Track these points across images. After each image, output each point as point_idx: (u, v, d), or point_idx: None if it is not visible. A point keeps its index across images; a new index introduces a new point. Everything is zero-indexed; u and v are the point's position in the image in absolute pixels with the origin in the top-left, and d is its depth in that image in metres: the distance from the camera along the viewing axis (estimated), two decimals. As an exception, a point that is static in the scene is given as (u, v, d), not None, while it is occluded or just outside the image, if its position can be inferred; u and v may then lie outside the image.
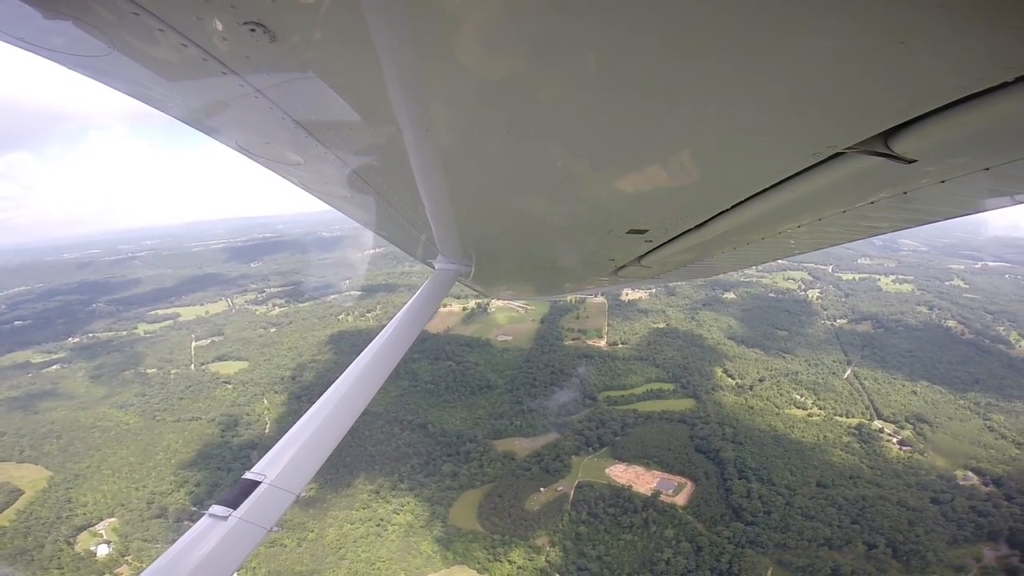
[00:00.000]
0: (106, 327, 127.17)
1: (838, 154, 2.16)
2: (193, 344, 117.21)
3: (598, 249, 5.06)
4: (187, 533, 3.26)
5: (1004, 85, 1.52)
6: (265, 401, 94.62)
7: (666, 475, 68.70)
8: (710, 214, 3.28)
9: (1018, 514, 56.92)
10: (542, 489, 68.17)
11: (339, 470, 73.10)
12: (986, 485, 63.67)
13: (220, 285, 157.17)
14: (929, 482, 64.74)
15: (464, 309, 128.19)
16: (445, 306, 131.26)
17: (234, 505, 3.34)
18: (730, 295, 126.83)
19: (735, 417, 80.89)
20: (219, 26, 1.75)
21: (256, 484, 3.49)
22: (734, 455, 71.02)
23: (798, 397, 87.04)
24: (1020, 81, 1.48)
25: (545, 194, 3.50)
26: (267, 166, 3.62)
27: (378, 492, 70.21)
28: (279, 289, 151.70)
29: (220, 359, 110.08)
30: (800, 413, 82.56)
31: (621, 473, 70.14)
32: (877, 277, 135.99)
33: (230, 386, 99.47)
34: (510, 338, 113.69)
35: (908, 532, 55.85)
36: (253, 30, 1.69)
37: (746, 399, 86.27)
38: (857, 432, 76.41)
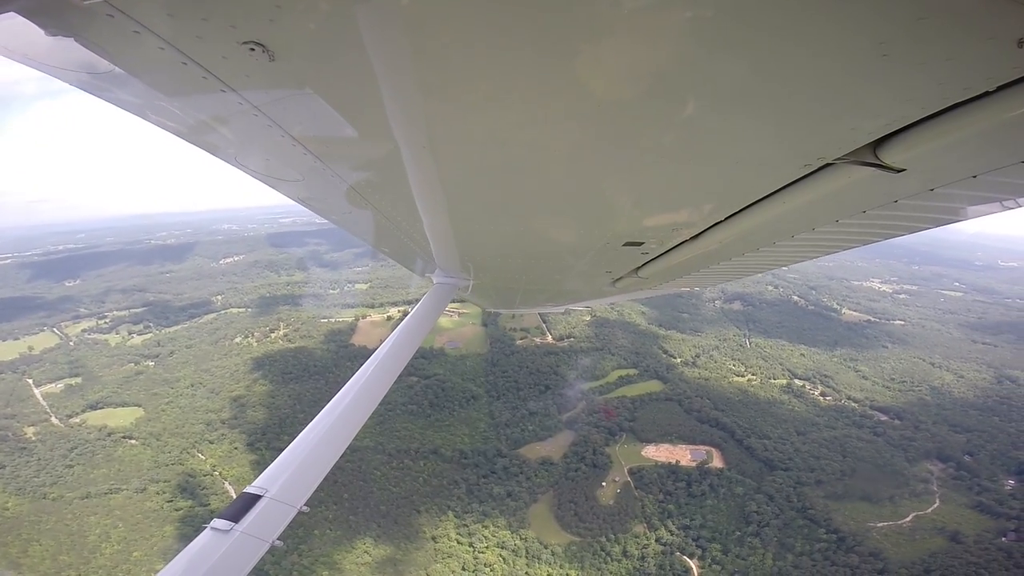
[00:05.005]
0: None
1: (828, 165, 2.26)
2: (37, 391, 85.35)
3: (595, 262, 5.08)
4: (188, 547, 3.25)
5: (986, 94, 1.60)
6: (201, 455, 74.35)
7: (692, 447, 75.44)
8: (704, 226, 3.35)
9: (928, 436, 77.23)
10: (603, 484, 69.14)
11: (381, 522, 63.25)
12: (892, 420, 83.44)
13: (36, 311, 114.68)
14: (860, 421, 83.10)
15: (389, 319, 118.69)
16: (365, 317, 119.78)
17: (236, 519, 3.37)
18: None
19: (705, 389, 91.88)
20: (219, 45, 1.79)
21: (258, 498, 3.53)
22: (729, 420, 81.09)
23: (732, 367, 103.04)
24: (1001, 91, 1.56)
25: (541, 208, 3.58)
26: (265, 182, 3.67)
27: (448, 535, 62.91)
28: (128, 312, 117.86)
29: (93, 408, 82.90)
30: (742, 380, 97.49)
31: (656, 452, 74.77)
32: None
33: (134, 442, 75.64)
34: (459, 345, 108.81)
35: (881, 458, 72.19)
36: (252, 49, 1.74)
37: (700, 373, 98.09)
38: (789, 390, 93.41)
